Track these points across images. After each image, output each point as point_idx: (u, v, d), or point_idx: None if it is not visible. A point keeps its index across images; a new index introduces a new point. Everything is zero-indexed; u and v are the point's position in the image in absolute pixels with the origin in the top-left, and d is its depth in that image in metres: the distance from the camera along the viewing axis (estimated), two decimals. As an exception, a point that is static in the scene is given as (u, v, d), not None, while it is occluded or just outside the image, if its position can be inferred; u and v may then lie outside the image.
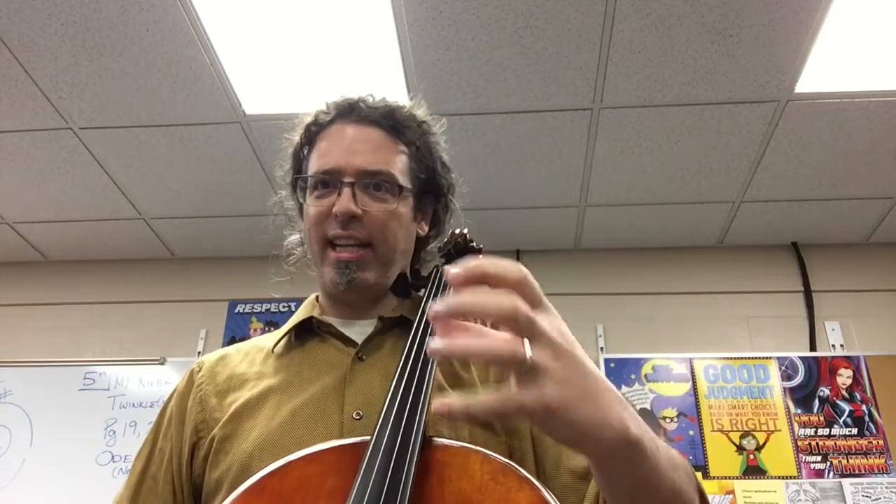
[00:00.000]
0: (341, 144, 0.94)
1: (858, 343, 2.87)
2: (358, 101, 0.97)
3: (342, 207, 0.89)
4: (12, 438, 2.87)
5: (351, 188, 0.90)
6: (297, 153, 1.00)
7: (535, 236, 3.12)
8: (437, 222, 1.04)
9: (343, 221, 0.90)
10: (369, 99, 0.98)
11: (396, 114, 0.98)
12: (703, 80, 2.22)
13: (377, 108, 0.97)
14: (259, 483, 0.66)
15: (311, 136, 0.98)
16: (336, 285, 0.92)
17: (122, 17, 2.03)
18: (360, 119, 0.96)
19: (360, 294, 0.95)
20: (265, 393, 0.88)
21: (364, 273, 0.92)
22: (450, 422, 0.84)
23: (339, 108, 0.97)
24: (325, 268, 0.93)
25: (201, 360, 0.97)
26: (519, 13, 2.01)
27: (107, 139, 2.53)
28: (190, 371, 0.96)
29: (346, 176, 0.91)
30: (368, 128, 0.95)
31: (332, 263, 0.92)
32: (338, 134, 0.95)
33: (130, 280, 3.31)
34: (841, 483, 2.54)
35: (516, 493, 0.65)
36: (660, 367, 2.82)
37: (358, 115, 0.96)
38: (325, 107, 0.99)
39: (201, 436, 0.88)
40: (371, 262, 0.92)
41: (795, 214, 2.93)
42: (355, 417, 0.82)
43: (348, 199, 0.89)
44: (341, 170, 0.92)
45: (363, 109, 0.96)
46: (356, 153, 0.93)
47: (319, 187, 0.93)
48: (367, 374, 0.88)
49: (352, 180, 0.91)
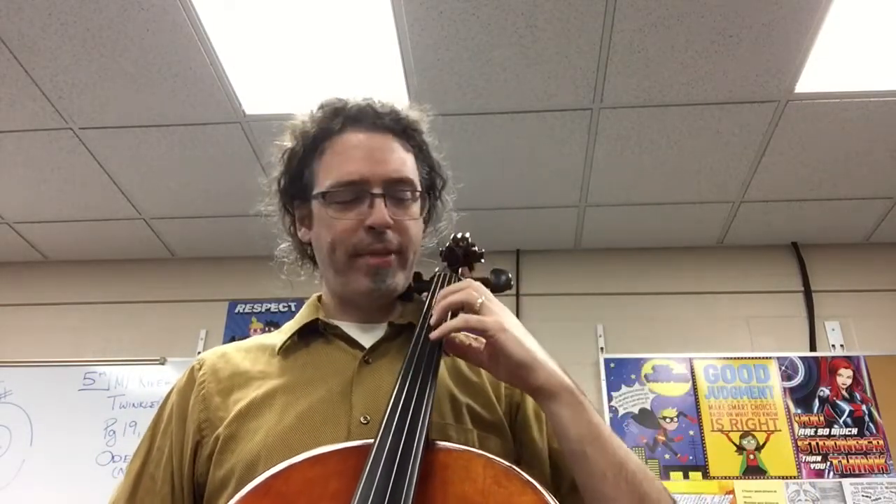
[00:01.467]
0: (361, 153, 0.93)
1: (858, 343, 2.87)
2: (365, 107, 0.96)
3: (380, 220, 0.89)
4: (12, 438, 2.87)
5: (383, 199, 0.90)
6: (298, 160, 0.97)
7: (535, 236, 3.12)
8: (431, 219, 1.05)
9: (378, 233, 0.90)
10: (373, 103, 0.97)
11: (403, 118, 0.98)
12: (703, 80, 2.22)
13: (386, 113, 0.97)
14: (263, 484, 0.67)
15: (316, 142, 0.96)
16: (371, 292, 0.92)
17: (122, 17, 2.03)
18: (373, 126, 0.95)
19: (385, 299, 0.96)
20: (271, 393, 0.88)
21: (395, 279, 0.93)
22: (458, 426, 0.85)
23: (346, 114, 0.96)
24: (354, 275, 0.93)
25: (202, 358, 0.96)
26: (519, 13, 2.01)
27: (107, 139, 2.53)
28: (190, 368, 0.95)
29: (374, 187, 0.91)
30: (382, 135, 0.95)
31: (366, 271, 0.92)
32: (354, 142, 0.94)
33: (130, 280, 3.31)
34: (841, 483, 2.54)
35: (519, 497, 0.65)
36: (660, 367, 2.82)
37: (369, 121, 0.95)
38: (321, 111, 0.98)
39: (204, 434, 0.87)
40: (398, 268, 0.93)
41: (795, 214, 2.93)
42: (363, 422, 0.82)
43: (385, 212, 0.90)
44: (368, 180, 0.91)
45: (372, 116, 0.96)
46: (379, 162, 0.92)
47: (342, 198, 0.92)
48: (374, 378, 0.88)
49: (381, 191, 0.91)
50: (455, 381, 0.92)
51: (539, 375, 0.77)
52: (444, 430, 0.84)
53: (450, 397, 0.88)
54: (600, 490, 0.73)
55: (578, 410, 0.76)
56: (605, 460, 0.74)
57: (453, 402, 0.88)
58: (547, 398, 0.77)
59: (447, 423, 0.85)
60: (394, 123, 0.96)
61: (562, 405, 0.76)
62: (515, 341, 0.77)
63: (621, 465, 0.74)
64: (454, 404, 0.88)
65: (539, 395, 0.77)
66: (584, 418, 0.76)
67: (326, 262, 0.96)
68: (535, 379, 0.77)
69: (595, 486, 0.74)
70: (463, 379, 0.93)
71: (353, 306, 0.97)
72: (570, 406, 0.76)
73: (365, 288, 0.92)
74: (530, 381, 0.77)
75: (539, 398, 0.78)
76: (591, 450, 0.74)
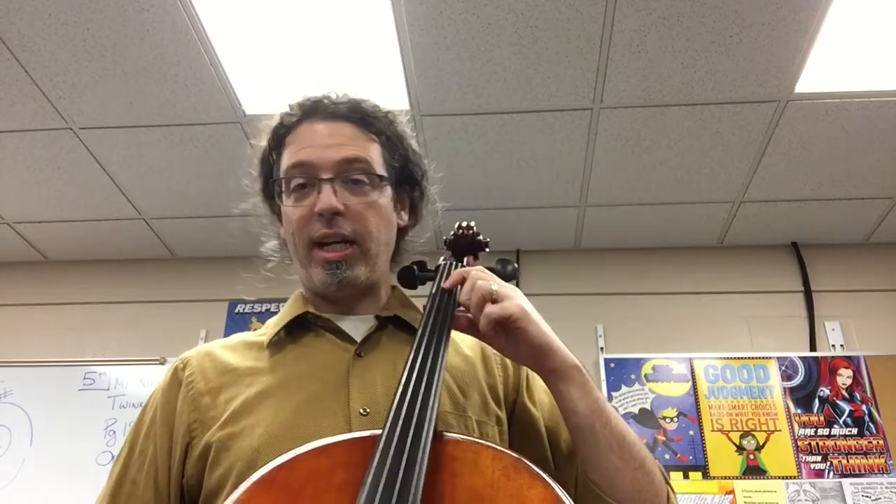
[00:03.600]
0: (313, 141, 0.93)
1: (858, 343, 2.87)
2: (322, 99, 0.97)
3: (325, 205, 0.88)
4: (12, 438, 2.87)
5: (331, 184, 0.90)
6: (265, 158, 0.99)
7: (535, 236, 3.12)
8: (414, 211, 1.04)
9: (327, 219, 0.89)
10: (332, 95, 0.98)
11: (362, 106, 0.97)
12: (703, 80, 2.22)
13: (342, 102, 0.97)
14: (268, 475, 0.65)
15: (279, 138, 0.97)
16: (327, 286, 0.91)
17: (121, 17, 2.03)
18: (328, 115, 0.95)
19: (350, 292, 0.94)
20: (265, 389, 0.86)
21: (353, 271, 0.91)
22: (456, 413, 0.85)
23: (304, 107, 0.97)
24: (313, 269, 0.92)
25: (185, 357, 0.94)
26: (519, 13, 2.01)
27: (107, 139, 2.53)
28: (173, 368, 0.93)
29: (323, 172, 0.90)
30: (338, 123, 0.95)
31: (321, 264, 0.91)
32: (307, 132, 0.94)
33: (130, 280, 3.31)
34: (841, 483, 2.54)
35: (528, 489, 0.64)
36: (660, 367, 2.82)
37: (325, 111, 0.96)
38: (289, 108, 0.98)
39: (195, 436, 0.85)
40: (358, 259, 0.92)
41: (795, 214, 2.93)
42: (362, 413, 0.82)
43: (330, 196, 0.89)
44: (317, 165, 0.91)
45: (328, 106, 0.96)
46: (329, 147, 0.92)
47: (297, 189, 0.92)
48: (367, 371, 0.88)
49: (330, 176, 0.90)
50: (449, 368, 0.91)
51: (556, 358, 0.79)
52: (445, 418, 0.84)
53: (446, 385, 0.88)
54: (609, 460, 0.78)
55: (586, 388, 0.79)
56: (611, 433, 0.78)
57: (449, 390, 0.88)
58: (559, 378, 0.80)
59: (446, 410, 0.85)
60: (349, 111, 0.96)
61: (572, 385, 0.79)
62: (537, 326, 0.79)
63: (623, 436, 0.79)
64: (450, 392, 0.88)
65: (552, 375, 0.80)
66: (591, 396, 0.79)
67: (294, 255, 0.96)
68: (552, 362, 0.79)
69: (603, 456, 0.78)
70: (457, 365, 0.93)
71: (328, 300, 0.96)
72: (579, 385, 0.79)
73: (321, 281, 0.91)
74: (547, 364, 0.80)
75: (552, 378, 0.80)
76: (598, 424, 0.78)
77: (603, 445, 0.78)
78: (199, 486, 0.83)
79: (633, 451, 0.79)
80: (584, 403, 0.78)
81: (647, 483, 0.79)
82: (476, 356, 0.97)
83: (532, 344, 0.78)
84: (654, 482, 0.80)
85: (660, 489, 0.81)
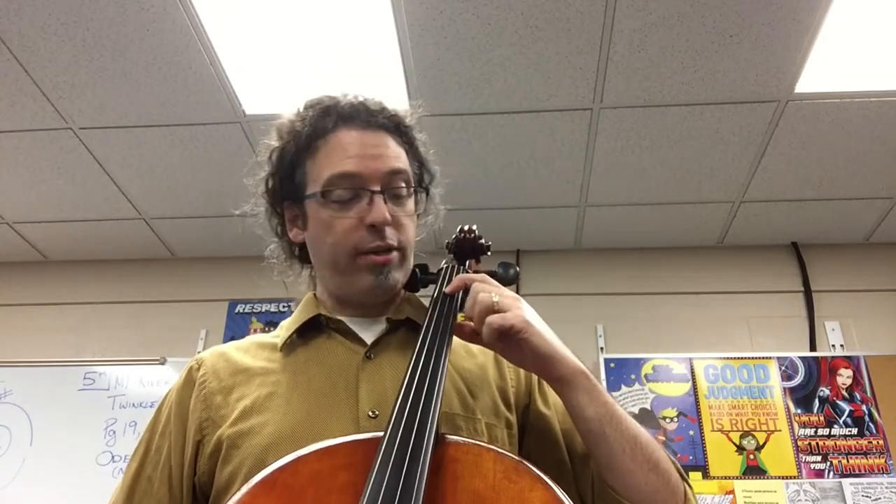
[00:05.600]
0: (356, 151, 0.92)
1: (858, 343, 2.87)
2: (358, 104, 0.96)
3: (381, 217, 0.89)
4: (12, 438, 2.87)
5: (382, 196, 0.91)
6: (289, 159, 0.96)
7: (535, 236, 3.12)
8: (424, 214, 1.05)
9: (379, 230, 0.90)
10: (366, 100, 0.97)
11: (395, 115, 0.98)
12: (703, 80, 2.22)
13: (378, 111, 0.97)
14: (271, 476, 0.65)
15: (308, 140, 0.95)
16: (374, 290, 0.93)
17: (121, 18, 2.03)
18: (368, 124, 0.95)
19: (386, 296, 0.96)
20: (275, 389, 0.88)
21: (396, 275, 0.93)
22: (466, 416, 0.86)
23: (338, 112, 0.95)
24: (357, 274, 0.92)
25: (200, 357, 0.96)
26: (519, 13, 2.01)
27: (107, 139, 2.53)
28: (188, 368, 0.95)
29: (372, 184, 0.91)
30: (376, 132, 0.95)
31: (370, 269, 0.92)
32: (349, 139, 0.93)
33: (130, 280, 3.31)
34: (841, 483, 2.54)
35: (529, 492, 0.65)
36: (660, 367, 2.82)
37: (363, 119, 0.95)
38: (312, 110, 0.97)
39: (205, 433, 0.87)
40: (398, 264, 0.94)
41: (795, 214, 2.93)
42: (371, 416, 0.83)
43: (384, 209, 0.90)
44: (366, 177, 0.91)
45: (364, 112, 0.96)
46: (375, 159, 0.92)
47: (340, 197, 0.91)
48: (377, 372, 0.88)
49: (380, 188, 0.91)
50: (459, 371, 0.92)
51: (561, 366, 0.80)
52: (453, 420, 0.84)
53: (456, 388, 0.89)
54: (622, 463, 0.78)
55: (594, 394, 0.80)
56: (622, 436, 0.78)
57: (459, 392, 0.89)
58: (565, 385, 0.80)
59: (455, 413, 0.85)
60: (386, 121, 0.97)
61: (580, 391, 0.79)
62: (540, 336, 0.79)
63: (635, 438, 0.79)
64: (460, 394, 0.89)
65: (559, 383, 0.80)
66: (600, 400, 0.79)
67: (326, 262, 0.95)
68: (557, 370, 0.80)
69: (616, 460, 0.78)
70: (467, 368, 0.94)
71: (352, 304, 0.97)
72: (587, 391, 0.79)
73: (368, 286, 0.92)
74: (553, 373, 0.80)
75: (558, 386, 0.81)
76: (609, 429, 0.78)
77: (615, 449, 0.78)
78: (210, 482, 0.85)
79: (646, 452, 0.79)
80: (593, 409, 0.78)
81: (662, 484, 0.80)
82: (488, 359, 0.98)
83: (536, 353, 0.78)
84: (669, 482, 0.80)
85: (676, 488, 0.81)
